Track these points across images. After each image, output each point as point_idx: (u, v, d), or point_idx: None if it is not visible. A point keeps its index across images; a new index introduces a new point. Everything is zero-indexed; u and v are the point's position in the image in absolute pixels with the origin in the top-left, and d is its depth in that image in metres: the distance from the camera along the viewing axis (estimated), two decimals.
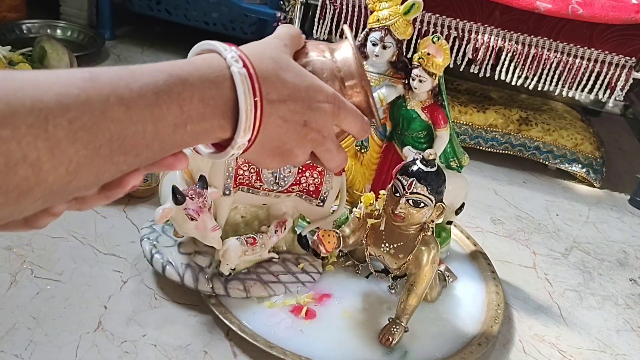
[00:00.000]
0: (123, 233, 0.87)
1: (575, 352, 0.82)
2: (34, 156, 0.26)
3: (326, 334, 0.74)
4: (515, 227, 1.12)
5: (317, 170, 0.78)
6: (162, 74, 0.32)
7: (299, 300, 0.78)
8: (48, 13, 1.65)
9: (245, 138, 0.36)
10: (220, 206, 0.75)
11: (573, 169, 1.35)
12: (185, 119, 0.33)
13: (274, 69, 0.37)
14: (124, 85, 0.30)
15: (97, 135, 0.29)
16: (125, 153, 0.30)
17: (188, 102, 0.33)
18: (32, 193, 0.27)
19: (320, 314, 0.77)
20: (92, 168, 0.29)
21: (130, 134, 0.30)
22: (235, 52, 0.35)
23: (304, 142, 0.39)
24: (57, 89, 0.28)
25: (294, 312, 0.76)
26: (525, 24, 1.21)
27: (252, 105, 0.35)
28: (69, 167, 0.28)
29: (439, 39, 0.78)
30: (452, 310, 0.83)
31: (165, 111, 0.32)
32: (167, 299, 0.77)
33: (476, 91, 1.49)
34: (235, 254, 0.75)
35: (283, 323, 0.74)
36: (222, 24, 1.54)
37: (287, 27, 0.42)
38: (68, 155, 0.28)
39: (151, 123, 0.31)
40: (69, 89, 0.28)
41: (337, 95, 0.40)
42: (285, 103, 0.37)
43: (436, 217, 0.71)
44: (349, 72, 0.43)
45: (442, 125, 0.82)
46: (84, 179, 0.29)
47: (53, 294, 0.73)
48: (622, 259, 1.09)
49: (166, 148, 0.33)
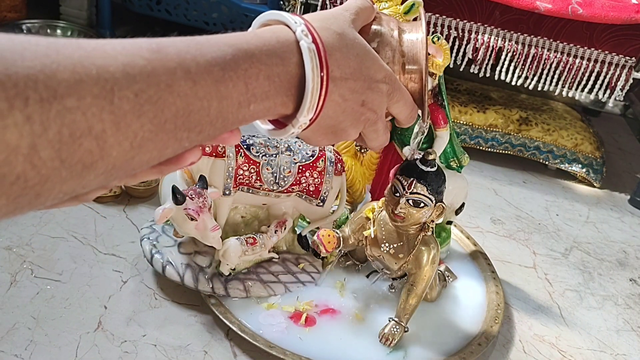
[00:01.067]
0: (123, 233, 0.87)
1: (575, 352, 0.82)
2: (99, 129, 0.25)
3: (326, 334, 0.74)
4: (515, 227, 1.12)
5: (317, 170, 0.78)
6: (230, 47, 0.31)
7: (299, 307, 0.77)
8: (48, 13, 1.65)
9: (308, 117, 0.35)
10: (220, 206, 0.75)
11: (573, 169, 1.35)
12: (250, 98, 0.32)
13: (340, 45, 0.36)
14: (191, 59, 0.29)
15: (163, 110, 0.28)
16: (190, 129, 0.30)
17: (254, 80, 0.32)
18: (96, 167, 0.26)
19: (319, 318, 0.77)
20: (156, 143, 0.28)
21: (196, 110, 0.29)
22: (304, 25, 0.34)
23: (358, 122, 0.39)
24: (123, 59, 0.26)
25: (293, 318, 0.75)
26: (525, 24, 1.21)
27: (319, 83, 0.34)
28: (133, 141, 0.27)
29: (439, 39, 0.78)
30: (452, 310, 0.83)
31: (232, 88, 0.31)
32: (167, 299, 0.77)
33: (476, 91, 1.49)
34: (235, 254, 0.75)
35: (283, 323, 0.74)
36: (222, 24, 1.54)
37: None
38: (133, 129, 0.27)
39: (216, 100, 0.30)
40: (135, 60, 0.27)
41: (394, 77, 0.40)
42: (347, 82, 0.36)
43: (436, 217, 0.71)
44: (413, 58, 0.42)
45: (442, 125, 0.82)
46: (147, 155, 0.28)
47: (53, 294, 0.73)
48: (622, 259, 1.09)
49: (227, 125, 0.32)
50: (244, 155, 0.74)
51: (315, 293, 0.80)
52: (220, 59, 0.30)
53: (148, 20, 1.67)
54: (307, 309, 0.76)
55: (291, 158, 0.76)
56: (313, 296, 0.79)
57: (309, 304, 0.77)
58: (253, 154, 0.74)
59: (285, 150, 0.76)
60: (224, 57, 0.31)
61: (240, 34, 0.33)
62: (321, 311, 0.77)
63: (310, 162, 0.77)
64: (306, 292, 0.79)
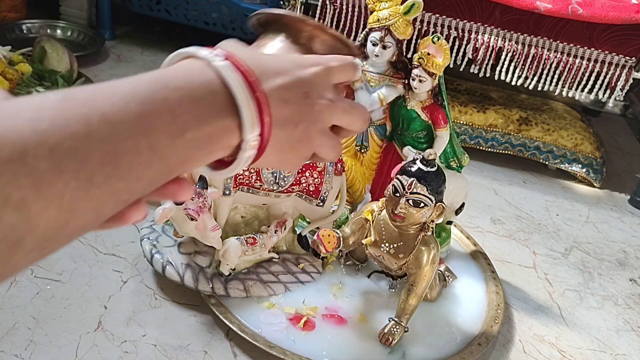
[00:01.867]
0: (123, 233, 0.87)
1: (575, 352, 0.82)
2: (17, 197, 0.22)
3: (326, 334, 0.74)
4: (515, 227, 1.13)
5: (317, 170, 0.78)
6: (142, 82, 0.29)
7: (301, 310, 0.76)
8: (48, 13, 1.65)
9: (255, 132, 0.32)
10: (220, 206, 0.75)
11: (573, 169, 1.35)
12: (181, 126, 0.29)
13: (252, 53, 0.34)
14: (103, 99, 0.26)
15: (86, 161, 0.25)
16: (124, 177, 0.26)
17: (177, 106, 0.29)
18: (23, 244, 0.23)
19: (321, 321, 0.77)
20: (89, 202, 0.25)
21: (124, 153, 0.26)
22: (209, 50, 0.32)
23: (314, 115, 0.36)
24: (30, 114, 0.24)
25: (292, 320, 0.75)
26: (525, 24, 1.21)
27: (247, 93, 0.31)
28: (61, 204, 0.24)
29: (439, 39, 0.78)
30: (452, 310, 0.83)
31: (156, 120, 0.28)
32: (167, 299, 0.77)
33: (476, 91, 1.49)
34: (235, 253, 0.75)
35: (283, 323, 0.74)
36: (222, 24, 1.54)
37: None
38: (57, 190, 0.24)
39: (143, 136, 0.27)
40: (43, 113, 0.24)
41: (318, 56, 0.38)
42: (277, 82, 0.34)
43: (436, 217, 0.71)
44: (295, 30, 0.41)
45: (442, 125, 0.82)
46: (82, 217, 0.25)
47: (53, 294, 0.73)
48: (622, 259, 1.09)
49: (171, 165, 0.29)
50: None
51: (317, 293, 0.80)
52: (135, 94, 0.28)
53: (148, 20, 1.67)
54: (309, 313, 0.76)
55: None
56: (314, 297, 0.79)
57: (313, 310, 0.77)
58: None
59: None
60: (138, 91, 0.28)
61: (150, 72, 0.30)
62: (323, 315, 0.77)
63: (310, 162, 0.77)
64: (307, 292, 0.79)
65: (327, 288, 0.81)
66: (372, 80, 0.83)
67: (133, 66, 1.49)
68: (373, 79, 0.83)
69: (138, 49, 1.60)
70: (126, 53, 1.56)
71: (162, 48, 1.62)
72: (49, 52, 1.22)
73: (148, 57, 1.56)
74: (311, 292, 0.80)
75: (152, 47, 1.62)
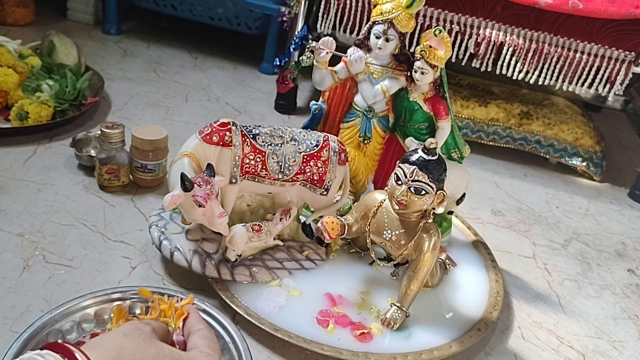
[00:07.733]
0: (131, 221, 0.89)
1: (573, 338, 0.84)
2: None
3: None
4: (515, 219, 1.14)
5: (321, 160, 0.80)
6: None
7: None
8: (55, 8, 1.67)
9: None
10: (227, 194, 0.77)
11: (573, 163, 1.37)
12: None
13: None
14: None
15: None
16: None
17: None
18: None
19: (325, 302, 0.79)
20: None
21: None
22: None
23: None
24: None
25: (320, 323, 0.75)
26: (526, 18, 1.23)
27: None
28: None
29: (440, 32, 0.79)
30: (452, 297, 0.84)
31: None
32: (175, 285, 0.79)
33: (478, 86, 1.51)
34: (242, 240, 0.77)
35: (282, 302, 0.76)
36: (227, 19, 1.56)
37: None
38: None
39: None
40: None
41: None
42: None
43: (437, 204, 0.73)
44: None
45: (444, 116, 0.83)
46: None
47: (65, 279, 0.75)
48: (620, 250, 1.11)
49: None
50: (250, 145, 0.75)
51: (321, 279, 0.82)
52: None
53: (154, 15, 1.69)
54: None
55: (296, 147, 0.78)
56: (319, 283, 0.81)
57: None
58: (259, 144, 0.76)
59: (290, 140, 0.78)
60: None
61: None
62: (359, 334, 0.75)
63: (314, 152, 0.79)
64: (310, 277, 0.81)
65: (330, 275, 0.83)
66: (375, 73, 0.84)
67: (139, 61, 1.51)
68: (376, 71, 0.84)
69: (144, 43, 1.62)
70: (132, 48, 1.58)
71: (167, 43, 1.64)
72: (57, 46, 1.24)
73: (154, 52, 1.58)
74: (315, 279, 0.82)
75: (157, 42, 1.64)
